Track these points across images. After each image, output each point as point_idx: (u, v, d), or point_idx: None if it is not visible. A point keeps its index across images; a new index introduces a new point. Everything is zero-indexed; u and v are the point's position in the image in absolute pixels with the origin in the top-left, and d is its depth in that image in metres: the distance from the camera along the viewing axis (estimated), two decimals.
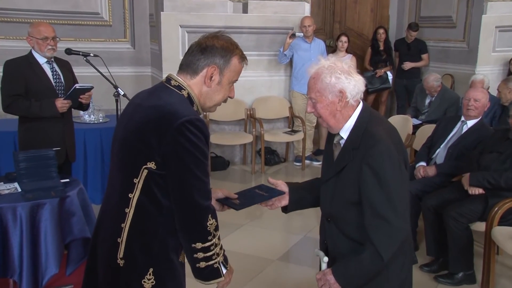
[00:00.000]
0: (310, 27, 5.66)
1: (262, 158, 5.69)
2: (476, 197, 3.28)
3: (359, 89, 1.76)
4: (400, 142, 1.77)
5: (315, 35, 5.93)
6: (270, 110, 5.95)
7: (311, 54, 5.75)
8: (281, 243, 3.93)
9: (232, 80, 1.70)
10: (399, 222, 1.69)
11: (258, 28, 5.72)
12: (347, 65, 1.79)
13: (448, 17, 6.63)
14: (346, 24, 7.22)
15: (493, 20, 6.10)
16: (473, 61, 6.23)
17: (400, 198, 1.69)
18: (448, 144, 3.82)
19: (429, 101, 5.45)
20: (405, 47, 6.86)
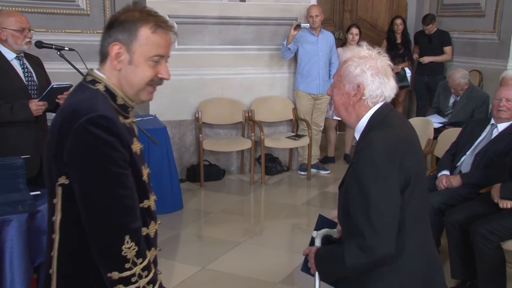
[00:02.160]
0: (317, 17, 5.67)
1: (262, 167, 5.68)
2: (509, 212, 3.26)
3: (382, 93, 1.85)
4: (408, 151, 1.78)
5: (322, 26, 5.94)
6: (272, 112, 5.96)
7: (318, 48, 5.76)
8: (284, 263, 3.92)
9: (149, 55, 1.54)
10: (373, 240, 1.70)
11: (258, 18, 5.73)
12: (385, 63, 1.86)
13: (476, 5, 6.64)
14: (357, 14, 7.25)
15: None
16: (505, 55, 6.24)
17: (379, 213, 1.70)
18: (475, 150, 3.81)
19: (454, 101, 5.45)
20: (426, 40, 6.87)
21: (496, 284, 3.22)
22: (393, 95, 1.89)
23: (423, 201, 1.85)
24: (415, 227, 1.81)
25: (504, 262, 3.22)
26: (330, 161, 6.37)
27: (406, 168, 1.75)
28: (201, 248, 4.21)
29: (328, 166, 6.20)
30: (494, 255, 3.19)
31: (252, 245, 4.22)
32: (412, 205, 1.78)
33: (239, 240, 4.25)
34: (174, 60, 5.44)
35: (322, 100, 5.93)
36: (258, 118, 5.84)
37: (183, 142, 5.70)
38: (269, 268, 3.80)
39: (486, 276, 3.21)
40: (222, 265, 3.84)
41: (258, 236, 4.46)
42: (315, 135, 5.94)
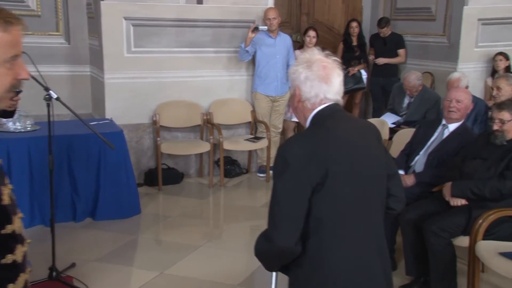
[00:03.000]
0: (274, 19, 5.71)
1: (221, 170, 5.68)
2: (459, 209, 3.36)
3: (317, 95, 1.88)
4: (336, 152, 1.81)
5: (280, 29, 5.98)
6: (230, 114, 5.95)
7: (276, 50, 5.80)
8: (243, 266, 3.93)
9: (4, 58, 1.32)
10: (272, 232, 1.80)
11: (215, 21, 5.73)
12: (325, 66, 1.89)
13: (427, 9, 6.83)
14: (314, 17, 7.32)
15: (475, 12, 6.33)
16: (455, 57, 6.44)
17: (280, 208, 1.78)
18: (428, 150, 3.91)
19: (408, 102, 5.58)
20: (381, 43, 7.02)
21: (447, 279, 3.32)
22: (339, 97, 1.91)
23: (356, 202, 1.84)
24: (337, 228, 1.82)
25: (454, 257, 3.32)
26: None
27: (328, 169, 1.76)
28: (159, 253, 4.17)
29: None
30: (446, 251, 3.28)
31: (211, 248, 4.21)
32: (331, 206, 1.81)
33: (198, 243, 4.23)
34: (131, 63, 5.51)
35: (280, 102, 5.98)
36: (216, 120, 5.82)
37: (141, 146, 5.64)
38: (229, 271, 3.80)
39: (438, 272, 3.30)
40: (181, 269, 3.81)
41: (217, 239, 4.46)
42: (273, 137, 5.98)
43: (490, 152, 3.41)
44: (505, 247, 3.14)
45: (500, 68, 6.20)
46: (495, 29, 6.47)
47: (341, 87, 1.93)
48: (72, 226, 4.49)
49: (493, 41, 6.44)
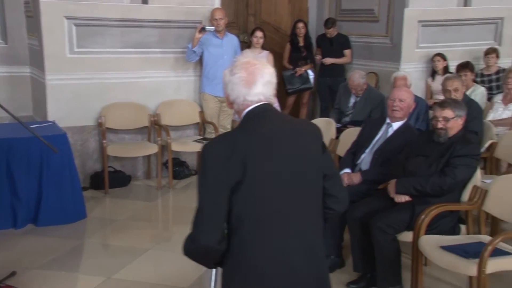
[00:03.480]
0: (221, 20, 5.70)
1: (169, 171, 5.61)
2: (403, 205, 3.45)
3: (237, 96, 1.92)
4: (256, 152, 1.83)
5: (227, 29, 5.97)
6: (178, 115, 5.90)
7: (223, 50, 5.79)
8: (193, 268, 3.77)
9: None
10: (194, 230, 1.84)
11: (161, 21, 5.66)
12: (246, 69, 1.91)
13: (370, 10, 6.98)
14: (261, 17, 7.36)
15: (415, 14, 6.52)
16: (397, 57, 6.60)
17: (201, 206, 1.83)
18: (373, 148, 3.99)
19: (354, 102, 5.68)
20: (328, 43, 7.12)
21: (392, 274, 3.40)
22: (262, 97, 1.92)
23: (278, 201, 1.85)
24: (257, 227, 1.84)
25: (399, 253, 3.40)
26: None
27: (247, 169, 1.79)
28: (106, 257, 4.07)
29: None
30: (391, 247, 3.36)
31: (160, 251, 4.15)
32: (251, 205, 1.83)
33: (146, 247, 4.16)
34: (74, 64, 5.37)
35: None
36: (164, 122, 5.76)
37: (86, 149, 5.50)
38: (178, 273, 3.75)
39: (384, 267, 3.38)
40: (129, 273, 3.74)
41: (167, 241, 4.40)
42: None
43: (431, 150, 3.52)
44: (445, 240, 3.24)
45: (439, 68, 6.42)
46: (434, 31, 6.68)
47: (268, 88, 1.94)
48: (12, 233, 4.33)
49: (432, 42, 6.64)
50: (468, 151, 3.43)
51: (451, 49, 6.63)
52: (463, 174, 3.39)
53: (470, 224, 3.50)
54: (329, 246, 3.72)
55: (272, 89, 1.97)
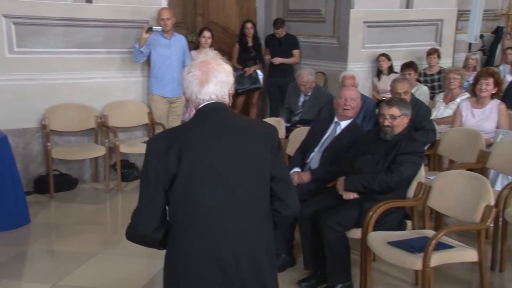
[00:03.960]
0: (169, 20, 5.63)
1: (118, 174, 5.51)
2: (352, 203, 3.51)
3: (190, 94, 1.98)
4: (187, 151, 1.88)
5: (175, 29, 5.91)
6: (126, 116, 5.80)
7: (171, 51, 5.73)
8: (144, 270, 3.85)
9: None
10: (134, 221, 1.97)
11: (107, 20, 5.53)
12: (200, 69, 1.96)
13: (317, 11, 7.07)
14: (209, 18, 7.32)
15: (361, 15, 6.65)
16: (344, 57, 6.72)
17: (140, 197, 1.95)
18: (322, 147, 4.04)
19: (303, 101, 5.74)
20: (276, 43, 7.17)
21: (342, 270, 3.45)
22: (213, 97, 1.97)
23: (210, 200, 1.89)
24: (187, 225, 1.90)
25: (349, 250, 3.46)
26: None
27: (181, 166, 1.86)
28: (51, 263, 3.95)
29: None
30: (340, 244, 3.42)
31: (110, 255, 4.06)
32: (183, 203, 1.90)
33: (95, 251, 4.06)
34: (14, 64, 5.17)
35: (177, 103, 5.90)
36: (112, 123, 5.64)
37: (29, 152, 5.31)
38: (129, 277, 3.70)
39: (334, 264, 3.43)
40: (76, 279, 3.64)
41: (116, 245, 4.30)
42: None
43: (378, 148, 3.60)
44: (392, 236, 3.32)
45: (384, 68, 6.59)
46: (378, 32, 6.83)
47: (221, 87, 1.98)
48: None
49: (377, 43, 6.80)
50: (413, 148, 3.53)
51: (395, 49, 6.81)
52: (408, 171, 3.48)
53: (415, 220, 3.60)
54: (280, 245, 3.76)
55: (226, 88, 2.00)
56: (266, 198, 1.98)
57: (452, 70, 5.70)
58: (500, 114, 4.81)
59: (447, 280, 3.60)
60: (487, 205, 3.15)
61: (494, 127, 4.79)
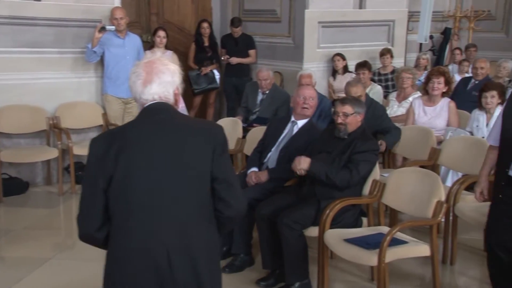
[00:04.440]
0: (122, 19, 5.54)
1: (72, 176, 5.38)
2: (309, 202, 3.53)
3: (135, 94, 2.01)
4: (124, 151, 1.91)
5: (129, 29, 5.82)
6: (79, 118, 5.68)
7: (125, 50, 5.64)
8: (100, 274, 3.71)
9: None
10: (78, 221, 1.98)
11: (57, 19, 5.39)
12: (144, 69, 1.98)
13: (273, 11, 7.10)
14: (164, 17, 7.24)
15: (315, 16, 6.72)
16: (300, 57, 6.77)
17: (83, 201, 1.97)
18: (279, 146, 4.05)
19: (261, 99, 5.75)
20: (233, 43, 7.15)
21: (300, 268, 3.47)
22: (156, 97, 1.98)
23: (143, 198, 1.90)
24: (122, 224, 1.92)
25: (306, 248, 3.48)
26: None
27: (117, 165, 1.89)
28: (1, 270, 3.80)
29: None
30: (298, 242, 3.43)
31: (64, 260, 3.96)
32: (118, 201, 1.92)
33: (47, 256, 3.95)
34: None
35: (133, 104, 5.80)
36: (64, 125, 5.51)
37: None
38: (83, 282, 3.61)
39: (292, 262, 3.44)
40: (27, 285, 3.53)
41: (70, 249, 4.19)
42: None
43: (333, 146, 3.64)
44: (349, 233, 3.36)
45: (339, 67, 6.68)
46: (333, 32, 6.92)
47: (165, 87, 1.99)
48: None
49: (332, 43, 6.88)
50: (368, 147, 3.59)
51: (349, 49, 6.91)
52: (365, 169, 3.54)
53: (371, 217, 3.66)
54: (238, 245, 3.76)
55: (171, 88, 2.00)
56: (206, 198, 1.96)
57: (405, 69, 5.84)
58: (450, 112, 4.96)
59: (402, 274, 3.68)
60: (438, 201, 3.24)
61: (444, 124, 4.94)
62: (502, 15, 8.97)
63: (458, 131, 4.73)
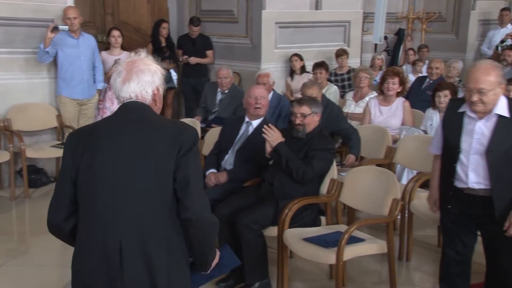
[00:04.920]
0: (75, 19, 5.41)
1: (24, 180, 5.22)
2: (267, 202, 3.54)
3: (114, 91, 2.07)
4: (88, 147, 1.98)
5: (83, 29, 5.70)
6: (32, 120, 5.51)
7: (79, 51, 5.51)
8: (55, 280, 3.69)
9: None
10: (48, 212, 2.05)
11: (6, 18, 5.23)
12: (125, 67, 2.03)
13: (230, 11, 7.08)
14: (120, 17, 7.13)
15: (272, 16, 6.74)
16: (258, 58, 6.77)
17: (54, 191, 2.05)
18: (235, 148, 4.04)
19: (220, 98, 5.73)
20: (190, 43, 7.10)
21: (260, 268, 3.48)
22: (133, 96, 2.02)
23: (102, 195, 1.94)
24: (82, 218, 1.99)
25: (265, 248, 3.49)
26: None
27: (81, 160, 1.96)
28: None
29: None
30: (257, 242, 3.44)
31: (16, 266, 3.86)
32: (81, 195, 1.99)
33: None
34: None
35: (88, 105, 5.69)
36: (16, 127, 5.34)
37: None
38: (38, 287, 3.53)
39: (252, 263, 3.44)
40: None
41: (24, 255, 4.09)
42: None
43: (291, 145, 3.65)
44: (308, 232, 3.39)
45: (297, 68, 6.72)
46: (290, 32, 6.96)
47: (144, 86, 2.02)
48: None
49: (289, 43, 6.92)
50: (324, 145, 3.63)
51: (306, 49, 6.95)
52: (320, 165, 3.57)
53: (329, 215, 3.70)
54: None
55: (150, 88, 2.03)
56: (168, 198, 1.95)
57: (362, 69, 5.93)
58: (404, 111, 5.06)
59: (360, 271, 3.73)
60: (394, 199, 3.30)
61: (400, 123, 5.03)
62: (452, 17, 9.23)
63: (412, 130, 4.83)
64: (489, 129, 2.76)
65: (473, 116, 2.80)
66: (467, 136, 2.80)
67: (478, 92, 2.69)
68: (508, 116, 2.75)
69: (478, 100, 2.70)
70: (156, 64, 2.07)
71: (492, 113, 2.76)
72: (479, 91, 2.69)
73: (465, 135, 2.81)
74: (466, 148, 2.81)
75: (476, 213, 2.87)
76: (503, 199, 2.77)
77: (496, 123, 2.75)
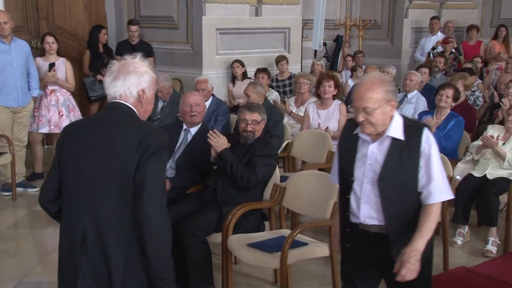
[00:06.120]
0: (6, 24, 5.18)
1: None
2: (211, 209, 3.52)
3: (105, 89, 2.21)
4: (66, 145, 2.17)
5: (15, 34, 5.47)
6: None
7: (12, 57, 5.28)
8: (12, 273, 3.67)
9: None
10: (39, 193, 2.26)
11: None
12: (117, 67, 2.16)
13: (170, 17, 7.03)
14: (55, 22, 6.93)
15: (213, 22, 6.75)
16: (199, 64, 6.77)
17: (47, 176, 2.27)
18: (175, 156, 3.99)
19: (162, 106, 5.65)
20: (130, 49, 6.95)
21: (204, 275, 3.45)
22: (117, 95, 2.14)
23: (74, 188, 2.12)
24: (63, 202, 2.18)
25: (210, 254, 3.46)
26: (38, 177, 5.88)
27: (61, 152, 2.17)
28: None
29: (36, 183, 5.70)
30: (201, 249, 3.41)
31: None
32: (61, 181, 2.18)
33: None
34: None
35: (23, 113, 5.46)
36: None
37: None
38: None
39: (196, 270, 3.41)
40: None
41: None
42: (18, 151, 5.42)
43: (235, 151, 3.65)
44: (252, 238, 3.39)
45: (238, 74, 6.74)
46: (231, 38, 6.99)
47: (129, 87, 2.14)
48: None
49: (230, 49, 6.95)
50: (267, 151, 3.66)
51: (247, 55, 7.00)
52: (263, 172, 3.59)
53: (273, 220, 3.72)
54: None
55: (135, 89, 2.14)
56: (129, 199, 2.03)
57: (302, 75, 6.01)
58: (340, 114, 5.18)
59: (304, 275, 3.77)
60: (335, 202, 3.34)
61: (337, 126, 5.13)
62: (387, 25, 9.55)
63: None
64: (382, 154, 2.33)
65: (366, 139, 2.38)
66: (361, 162, 2.38)
67: (363, 111, 2.29)
68: (403, 139, 2.32)
69: (364, 120, 2.30)
70: (147, 67, 2.18)
71: (385, 135, 2.34)
72: (364, 110, 2.28)
73: (359, 160, 2.38)
74: (359, 176, 2.38)
75: (375, 254, 2.41)
76: (400, 237, 2.32)
77: (388, 147, 2.33)
